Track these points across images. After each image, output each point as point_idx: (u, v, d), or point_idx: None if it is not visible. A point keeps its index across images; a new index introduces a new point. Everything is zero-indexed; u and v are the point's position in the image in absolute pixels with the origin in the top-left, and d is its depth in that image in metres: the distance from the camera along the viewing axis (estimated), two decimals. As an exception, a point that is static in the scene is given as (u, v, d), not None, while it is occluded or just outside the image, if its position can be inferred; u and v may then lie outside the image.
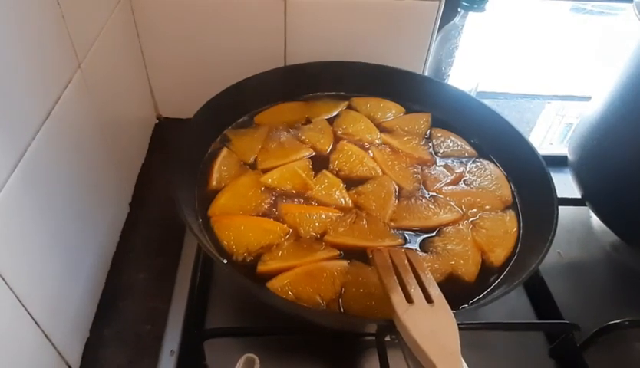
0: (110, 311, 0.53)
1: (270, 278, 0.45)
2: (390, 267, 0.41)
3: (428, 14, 0.68)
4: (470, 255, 0.48)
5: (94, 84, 0.51)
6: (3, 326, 0.35)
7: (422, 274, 0.41)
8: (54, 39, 0.43)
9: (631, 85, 0.52)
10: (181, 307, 0.50)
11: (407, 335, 0.35)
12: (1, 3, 0.35)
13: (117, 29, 0.60)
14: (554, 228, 0.46)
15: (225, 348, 0.47)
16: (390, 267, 0.41)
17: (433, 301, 0.38)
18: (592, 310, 0.54)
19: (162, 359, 0.46)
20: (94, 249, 0.53)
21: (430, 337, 0.35)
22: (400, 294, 0.38)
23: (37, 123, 0.40)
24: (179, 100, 0.76)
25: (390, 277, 0.40)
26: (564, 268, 0.60)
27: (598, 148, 0.57)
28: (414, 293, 0.38)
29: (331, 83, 0.69)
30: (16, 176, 0.36)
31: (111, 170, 0.58)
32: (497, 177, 0.58)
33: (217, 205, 0.51)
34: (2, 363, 0.35)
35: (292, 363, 0.48)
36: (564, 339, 0.49)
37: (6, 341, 0.36)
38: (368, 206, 0.52)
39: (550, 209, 0.48)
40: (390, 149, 0.60)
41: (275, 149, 0.58)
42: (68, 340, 0.46)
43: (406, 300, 0.38)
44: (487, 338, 0.50)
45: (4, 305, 0.35)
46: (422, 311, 0.37)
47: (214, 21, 0.67)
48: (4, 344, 0.36)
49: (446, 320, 0.36)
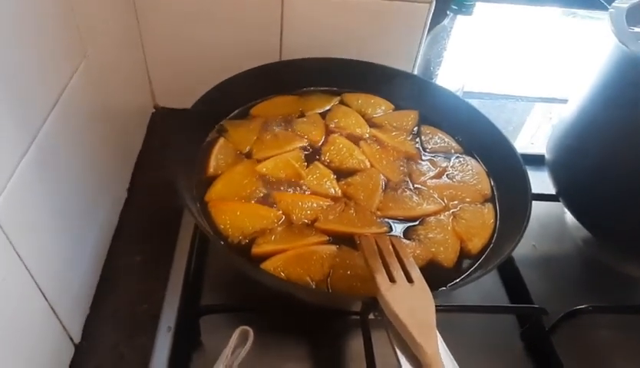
0: (109, 290, 0.55)
1: (263, 260, 0.48)
2: (375, 251, 0.44)
3: (419, 16, 0.71)
4: (449, 243, 0.52)
5: (97, 72, 0.53)
6: (17, 300, 0.38)
7: (405, 258, 0.44)
8: (63, 28, 0.46)
9: (601, 91, 0.56)
10: (178, 286, 0.53)
11: (389, 310, 0.39)
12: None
13: (119, 19, 0.62)
14: (527, 219, 0.50)
15: (218, 325, 0.50)
16: (376, 251, 0.45)
17: (413, 282, 0.41)
18: (561, 297, 0.58)
19: (159, 334, 0.49)
20: (95, 231, 0.55)
21: (409, 312, 0.38)
22: (383, 275, 0.42)
23: (47, 109, 0.43)
24: (176, 90, 0.79)
25: (375, 260, 0.43)
26: (537, 259, 0.64)
27: (572, 148, 0.61)
28: (397, 274, 0.42)
29: (325, 78, 0.71)
30: (28, 159, 0.39)
31: (111, 156, 0.60)
32: (478, 172, 0.61)
33: (214, 191, 0.54)
34: (15, 332, 0.38)
35: (283, 339, 0.51)
36: (533, 322, 0.53)
37: (19, 313, 0.39)
38: (357, 196, 0.55)
39: (525, 203, 0.52)
40: (378, 143, 0.64)
41: (269, 140, 0.61)
42: (71, 314, 0.48)
43: (389, 280, 0.41)
44: (463, 320, 0.54)
45: (18, 280, 0.38)
46: (403, 289, 0.40)
47: (213, 14, 0.70)
48: (18, 316, 0.38)
49: (424, 298, 0.40)
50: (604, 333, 0.56)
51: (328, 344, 0.51)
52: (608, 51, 0.55)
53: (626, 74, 0.52)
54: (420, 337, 0.37)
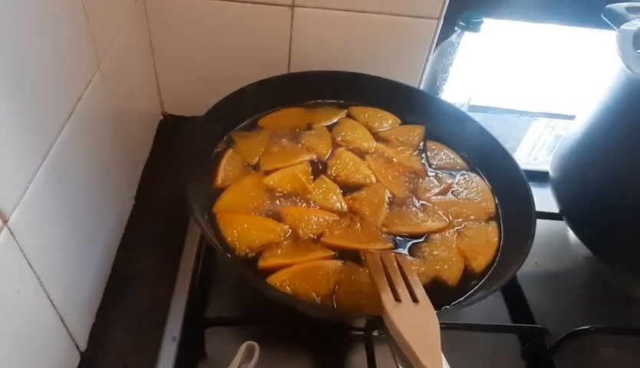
0: (116, 298, 0.56)
1: (269, 274, 0.48)
2: (380, 269, 0.45)
3: (427, 32, 0.72)
4: (453, 261, 0.52)
5: (109, 83, 0.54)
6: (26, 308, 0.39)
7: (409, 276, 0.45)
8: (79, 41, 0.47)
9: (606, 112, 0.56)
10: (183, 296, 0.54)
11: (393, 330, 0.40)
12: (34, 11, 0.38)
13: (131, 30, 0.63)
14: (531, 240, 0.50)
15: (223, 337, 0.51)
16: (381, 268, 0.45)
17: (418, 301, 0.42)
18: (563, 316, 0.58)
19: (164, 344, 0.50)
20: (103, 239, 0.56)
21: (414, 332, 0.39)
22: (389, 293, 0.42)
23: (62, 122, 0.43)
24: (184, 98, 0.79)
25: (380, 278, 0.44)
26: (540, 277, 0.64)
27: (577, 168, 0.61)
28: (402, 293, 0.42)
29: (332, 91, 0.72)
30: (42, 172, 0.39)
31: (120, 164, 0.61)
32: (482, 189, 0.62)
33: (222, 203, 0.54)
34: (23, 340, 0.39)
35: (287, 353, 0.51)
36: (535, 342, 0.53)
37: (28, 321, 0.39)
38: (363, 211, 0.56)
39: (529, 223, 0.52)
40: (384, 158, 0.64)
41: (277, 153, 0.62)
42: (78, 322, 0.49)
43: (394, 298, 0.42)
44: (465, 338, 0.54)
45: (28, 288, 0.39)
46: (408, 309, 0.41)
47: (223, 26, 0.71)
48: (26, 324, 0.39)
49: (428, 318, 0.40)
50: (605, 353, 0.56)
51: (332, 359, 0.52)
52: (615, 74, 0.55)
53: (631, 98, 0.53)
54: (424, 358, 0.37)
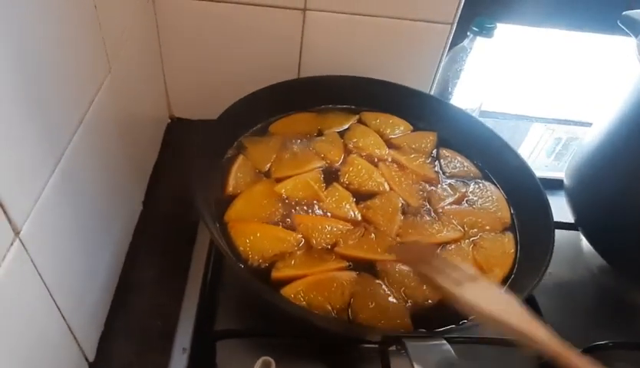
0: (123, 306, 0.55)
1: (282, 285, 0.47)
2: (442, 269, 0.44)
3: (440, 37, 0.71)
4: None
5: (119, 87, 0.53)
6: (36, 319, 0.38)
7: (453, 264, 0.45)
8: (91, 45, 0.45)
9: (627, 120, 0.55)
10: (193, 306, 0.52)
11: (475, 310, 0.39)
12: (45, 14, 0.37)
13: (141, 34, 0.62)
14: (550, 253, 0.49)
15: (234, 349, 0.49)
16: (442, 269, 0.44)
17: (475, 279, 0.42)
18: (578, 330, 0.57)
19: (174, 355, 0.48)
20: (110, 246, 0.55)
21: (496, 304, 0.39)
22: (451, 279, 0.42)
23: (73, 129, 0.42)
24: (192, 101, 0.78)
25: (445, 277, 0.43)
26: (554, 288, 0.63)
27: (594, 177, 0.60)
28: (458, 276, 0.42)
29: (343, 96, 0.71)
30: (54, 180, 0.38)
31: (127, 169, 0.60)
32: (497, 199, 0.61)
33: (233, 211, 0.53)
34: (32, 352, 0.37)
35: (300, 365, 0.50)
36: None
37: (37, 332, 0.38)
38: (376, 220, 0.55)
39: (547, 235, 0.51)
40: (397, 165, 0.63)
41: (288, 159, 0.61)
42: (86, 332, 0.48)
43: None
44: (480, 352, 0.53)
45: (37, 297, 0.38)
46: (474, 288, 0.41)
47: (233, 30, 0.70)
48: (36, 336, 0.38)
49: (494, 289, 0.42)
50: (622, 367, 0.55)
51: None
52: (634, 81, 0.54)
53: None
54: (523, 325, 0.37)
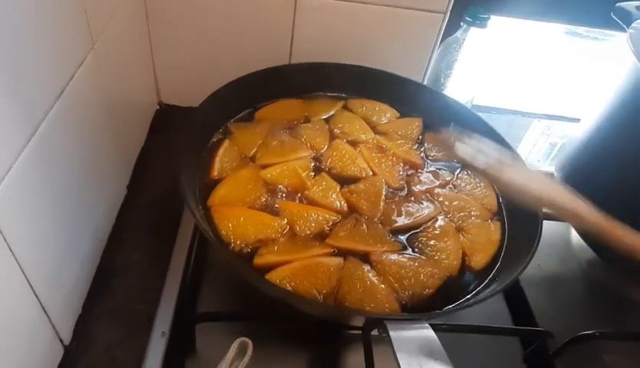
0: (103, 289, 0.54)
1: (265, 270, 0.46)
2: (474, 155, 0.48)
3: (432, 26, 0.70)
4: (451, 250, 0.51)
5: (104, 65, 0.52)
6: (7, 297, 0.36)
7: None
8: (72, 17, 0.44)
9: (617, 111, 0.55)
10: (174, 289, 0.52)
11: (512, 187, 0.46)
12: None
13: (128, 12, 0.61)
14: (537, 241, 0.49)
15: (214, 333, 0.49)
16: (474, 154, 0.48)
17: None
18: (566, 320, 0.57)
19: (152, 339, 0.48)
20: (92, 228, 0.54)
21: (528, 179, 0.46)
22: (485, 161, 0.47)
23: (51, 101, 0.41)
24: (181, 88, 0.77)
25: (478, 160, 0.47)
26: (542, 279, 0.62)
27: (582, 169, 0.60)
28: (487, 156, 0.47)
29: (332, 83, 0.70)
30: (27, 152, 0.37)
31: (112, 152, 0.59)
32: (486, 186, 0.60)
33: (217, 195, 0.52)
34: (3, 331, 0.36)
35: (281, 351, 0.49)
36: (538, 345, 0.52)
37: (10, 312, 0.37)
38: (360, 205, 0.54)
39: (534, 223, 0.51)
40: (378, 148, 0.62)
41: (274, 147, 0.60)
42: (62, 314, 0.47)
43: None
44: (466, 340, 0.53)
45: (10, 276, 0.37)
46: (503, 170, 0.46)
47: (224, 14, 0.69)
48: (7, 314, 0.37)
49: (523, 167, 0.48)
50: (609, 359, 0.55)
51: (329, 358, 0.50)
52: (626, 72, 0.54)
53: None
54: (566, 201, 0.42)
